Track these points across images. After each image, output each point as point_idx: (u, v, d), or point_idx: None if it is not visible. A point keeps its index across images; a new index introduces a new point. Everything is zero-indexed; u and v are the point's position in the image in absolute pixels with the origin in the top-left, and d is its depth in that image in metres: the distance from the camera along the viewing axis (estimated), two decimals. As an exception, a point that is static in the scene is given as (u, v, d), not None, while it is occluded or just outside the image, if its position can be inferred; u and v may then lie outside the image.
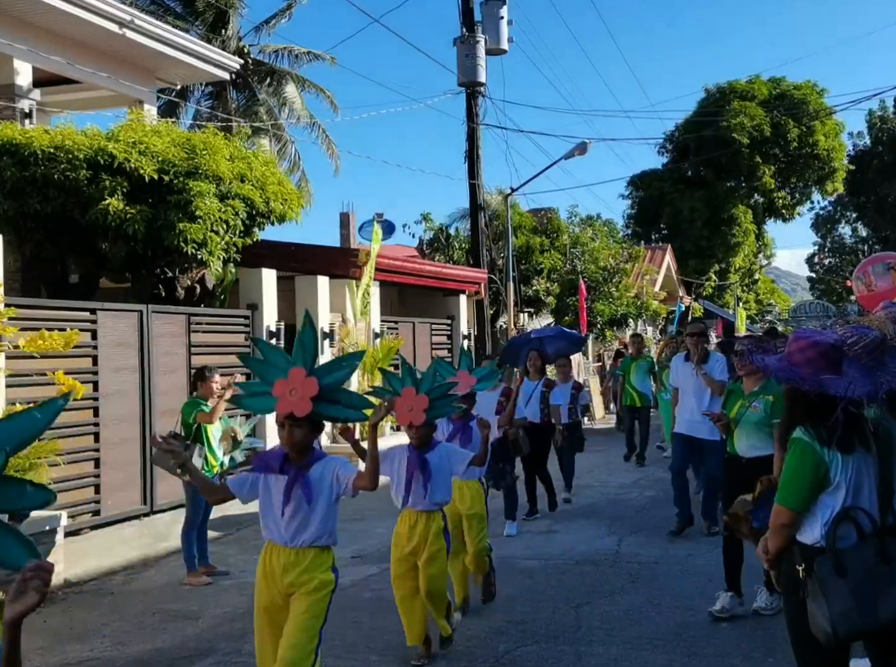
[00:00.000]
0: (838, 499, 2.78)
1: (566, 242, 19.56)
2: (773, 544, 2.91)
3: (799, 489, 2.82)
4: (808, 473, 2.80)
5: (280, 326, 10.16)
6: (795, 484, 2.83)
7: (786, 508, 2.84)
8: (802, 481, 2.81)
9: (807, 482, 2.80)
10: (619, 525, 7.63)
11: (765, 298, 41.92)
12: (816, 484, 2.80)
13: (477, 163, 16.29)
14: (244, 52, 20.17)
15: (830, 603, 2.68)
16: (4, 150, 8.18)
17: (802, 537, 2.85)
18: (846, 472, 2.77)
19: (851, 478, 2.78)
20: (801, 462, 2.81)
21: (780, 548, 2.90)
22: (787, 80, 35.16)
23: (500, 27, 16.51)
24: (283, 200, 9.40)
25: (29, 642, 4.98)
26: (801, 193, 36.43)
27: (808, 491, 2.80)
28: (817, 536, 2.80)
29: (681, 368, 7.09)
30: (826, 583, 2.71)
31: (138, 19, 10.43)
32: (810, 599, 2.75)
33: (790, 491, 2.84)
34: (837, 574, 2.70)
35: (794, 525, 2.84)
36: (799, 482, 2.82)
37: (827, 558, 2.75)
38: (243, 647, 4.76)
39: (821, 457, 2.78)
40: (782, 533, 2.87)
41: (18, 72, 9.90)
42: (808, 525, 2.83)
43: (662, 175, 35.25)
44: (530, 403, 8.03)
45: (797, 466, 2.83)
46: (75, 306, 7.73)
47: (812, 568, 2.76)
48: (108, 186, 8.10)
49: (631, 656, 4.50)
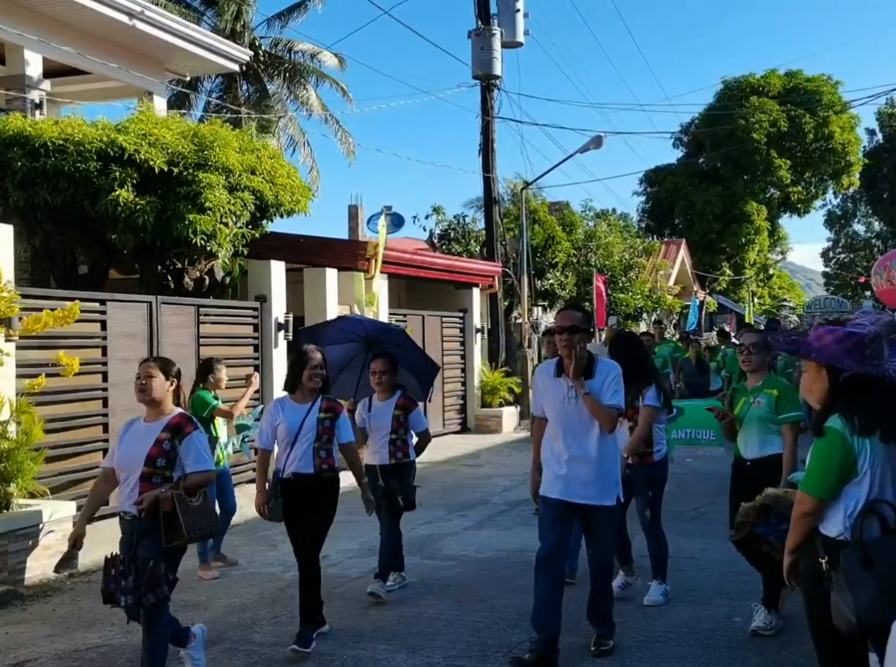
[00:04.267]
0: (863, 490, 2.75)
1: (581, 236, 19.46)
2: (795, 535, 2.87)
3: (826, 477, 2.78)
4: (837, 462, 2.76)
5: (288, 318, 10.14)
6: (823, 472, 2.80)
7: (811, 495, 2.80)
8: (830, 469, 2.78)
9: (834, 470, 2.77)
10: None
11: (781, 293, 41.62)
12: (844, 473, 2.76)
13: (491, 156, 16.19)
14: (255, 44, 20.16)
15: (856, 595, 2.65)
16: (14, 141, 8.18)
17: (825, 529, 2.81)
18: (873, 463, 2.74)
19: (878, 469, 2.75)
20: (831, 450, 2.77)
21: (800, 540, 2.86)
22: (803, 73, 34.87)
23: (517, 20, 16.36)
24: (291, 193, 9.37)
25: (38, 630, 4.96)
26: (816, 187, 36.12)
27: (834, 479, 2.77)
28: (841, 528, 2.77)
29: (549, 385, 4.25)
30: (852, 575, 2.68)
31: (149, 10, 10.41)
32: (834, 590, 2.72)
33: (817, 479, 2.81)
34: (864, 567, 2.67)
35: (817, 514, 2.81)
36: (826, 470, 2.78)
37: (852, 550, 2.71)
38: (251, 636, 4.74)
39: (850, 446, 2.75)
40: (805, 522, 2.83)
41: (29, 62, 9.91)
42: (831, 517, 2.80)
43: (677, 169, 35.08)
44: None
45: (826, 453, 2.79)
46: (84, 297, 7.72)
47: (836, 560, 2.73)
48: (118, 177, 8.08)
49: (644, 648, 4.44)
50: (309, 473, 4.50)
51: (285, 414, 4.59)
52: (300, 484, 4.49)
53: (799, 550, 2.89)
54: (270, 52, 20.90)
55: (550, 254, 18.09)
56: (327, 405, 4.61)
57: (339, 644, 4.60)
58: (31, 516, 5.94)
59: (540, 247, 17.78)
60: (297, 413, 4.56)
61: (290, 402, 4.64)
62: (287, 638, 4.58)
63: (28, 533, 5.88)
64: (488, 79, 16.17)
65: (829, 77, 34.31)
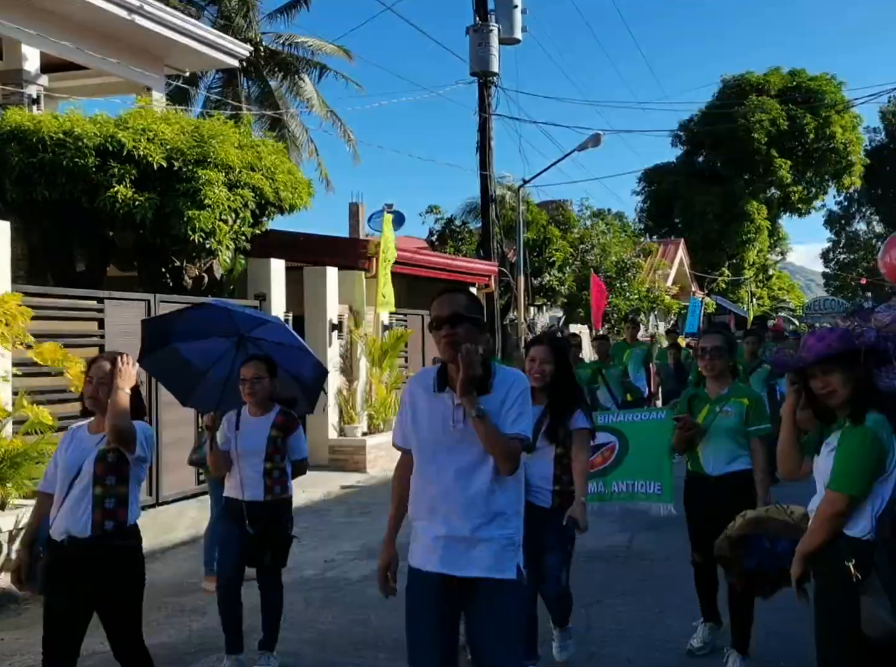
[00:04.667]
0: (888, 489, 2.73)
1: (577, 236, 19.41)
2: (819, 536, 2.80)
3: (862, 474, 2.74)
4: (872, 459, 2.74)
5: (288, 316, 10.09)
6: (856, 468, 2.75)
7: (845, 494, 2.74)
8: (865, 466, 2.74)
9: (869, 468, 2.74)
10: (629, 521, 7.47)
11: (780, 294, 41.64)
12: (876, 470, 2.74)
13: (489, 154, 16.13)
14: (257, 39, 20.05)
15: (894, 598, 2.58)
16: (12, 136, 8.12)
17: (849, 530, 2.76)
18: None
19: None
20: (866, 447, 2.74)
21: (824, 542, 2.79)
22: (806, 71, 34.80)
23: (514, 16, 16.29)
24: (292, 189, 9.31)
25: (35, 635, 4.89)
26: (817, 188, 36.10)
27: (869, 476, 2.74)
28: (867, 528, 2.72)
29: (425, 403, 2.87)
30: (888, 577, 2.61)
31: (148, 5, 10.32)
32: (867, 595, 2.63)
33: (853, 477, 2.75)
34: (894, 566, 2.62)
35: (848, 514, 2.76)
36: (862, 467, 2.75)
37: (884, 551, 2.66)
38: (250, 643, 4.68)
39: (883, 444, 2.73)
40: (834, 523, 2.77)
41: (26, 57, 9.83)
42: (856, 517, 2.75)
43: (676, 168, 35.02)
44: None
45: (861, 450, 2.75)
46: (82, 295, 7.66)
47: (868, 563, 2.66)
48: (117, 173, 8.02)
49: (643, 657, 4.41)
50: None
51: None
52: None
53: (814, 555, 2.81)
54: (272, 48, 20.80)
55: (547, 253, 18.06)
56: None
57: (339, 652, 4.56)
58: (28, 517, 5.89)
59: (536, 245, 17.75)
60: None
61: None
62: (286, 645, 4.53)
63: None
64: (486, 76, 16.11)
65: (833, 77, 34.27)
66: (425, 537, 2.81)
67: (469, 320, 2.76)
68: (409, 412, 2.88)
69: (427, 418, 2.83)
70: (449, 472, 2.77)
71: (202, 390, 4.62)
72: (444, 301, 2.81)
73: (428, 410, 2.83)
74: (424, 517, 2.82)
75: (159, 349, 4.51)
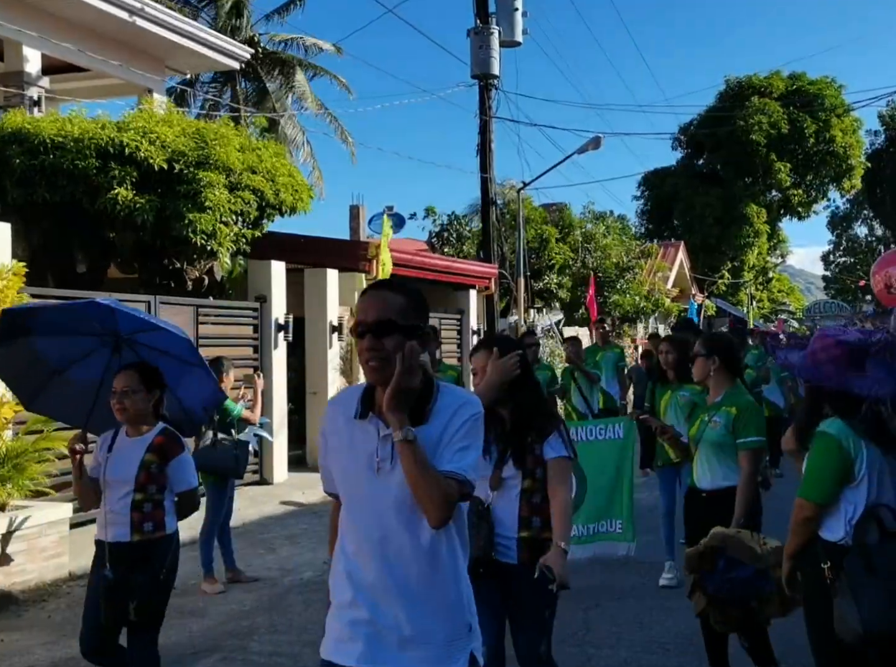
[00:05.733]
0: (861, 495, 2.75)
1: (578, 238, 19.42)
2: (794, 541, 2.88)
3: (822, 481, 2.80)
4: (832, 466, 2.78)
5: (289, 318, 10.10)
6: (818, 476, 2.82)
7: (808, 501, 2.82)
8: (826, 473, 2.79)
9: (830, 474, 2.78)
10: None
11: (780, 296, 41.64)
12: (841, 477, 2.77)
13: (489, 156, 16.14)
14: (255, 41, 20.09)
15: (862, 603, 2.62)
16: (13, 138, 8.13)
17: (825, 534, 2.81)
18: (871, 467, 2.75)
19: (875, 474, 2.75)
20: (826, 454, 2.79)
21: (801, 545, 2.86)
22: (807, 75, 34.84)
23: (515, 18, 16.30)
24: (293, 191, 9.33)
25: (34, 637, 4.92)
26: (817, 191, 36.11)
27: (831, 483, 2.78)
28: (842, 533, 2.76)
29: (345, 434, 2.11)
30: (857, 582, 2.65)
31: (149, 7, 10.35)
32: (839, 598, 2.68)
33: (814, 484, 2.82)
34: (868, 572, 2.64)
35: (817, 519, 2.81)
36: (822, 474, 2.80)
37: (855, 556, 2.69)
38: (249, 645, 4.70)
39: (847, 451, 2.76)
40: (805, 528, 2.83)
41: (27, 59, 9.85)
42: (831, 522, 2.80)
43: (676, 171, 35.03)
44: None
45: (821, 457, 2.81)
46: (83, 297, 7.66)
47: (839, 566, 2.71)
48: (118, 175, 8.04)
49: (641, 659, 4.41)
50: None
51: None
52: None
53: (798, 556, 2.88)
54: (267, 49, 20.84)
55: (546, 256, 18.06)
56: None
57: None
58: (27, 518, 5.90)
59: (534, 248, 17.76)
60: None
61: None
62: (285, 647, 4.55)
63: (23, 535, 5.84)
64: (486, 78, 16.12)
65: (833, 80, 34.31)
66: (342, 619, 2.05)
67: (402, 329, 2.01)
68: (328, 447, 2.14)
69: (345, 455, 2.09)
70: (375, 528, 2.02)
71: (57, 395, 3.74)
72: (369, 301, 2.06)
73: (346, 444, 2.09)
74: (346, 593, 2.04)
75: (11, 341, 3.59)
